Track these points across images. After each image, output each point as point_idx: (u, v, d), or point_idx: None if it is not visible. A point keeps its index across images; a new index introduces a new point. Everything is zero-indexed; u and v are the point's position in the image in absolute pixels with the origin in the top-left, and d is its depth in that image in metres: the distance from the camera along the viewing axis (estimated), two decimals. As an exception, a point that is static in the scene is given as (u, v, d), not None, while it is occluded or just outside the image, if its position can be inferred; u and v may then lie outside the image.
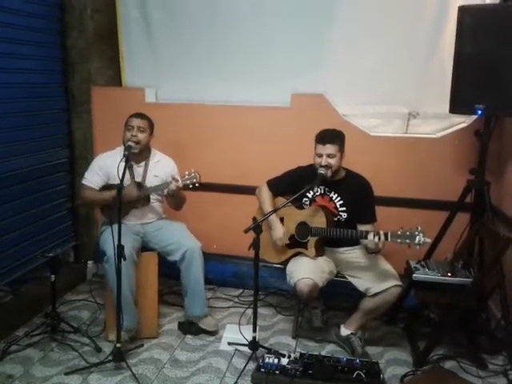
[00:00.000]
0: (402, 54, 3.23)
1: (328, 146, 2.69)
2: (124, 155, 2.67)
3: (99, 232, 2.98)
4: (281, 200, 2.87)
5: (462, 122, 3.14)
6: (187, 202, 3.09)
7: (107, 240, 2.55)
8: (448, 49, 3.01)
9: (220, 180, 3.59)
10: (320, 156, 2.71)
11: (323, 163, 2.70)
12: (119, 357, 2.54)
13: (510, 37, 2.55)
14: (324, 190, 2.84)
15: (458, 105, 2.74)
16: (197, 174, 2.78)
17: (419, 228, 2.42)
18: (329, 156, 2.70)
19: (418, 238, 2.40)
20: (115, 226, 2.46)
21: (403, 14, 3.18)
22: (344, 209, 2.81)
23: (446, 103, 2.79)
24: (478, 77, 2.65)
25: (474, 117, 2.98)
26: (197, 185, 2.79)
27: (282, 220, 2.87)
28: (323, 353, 2.75)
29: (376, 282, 2.62)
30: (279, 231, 2.82)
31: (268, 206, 2.87)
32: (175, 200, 2.97)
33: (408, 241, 2.42)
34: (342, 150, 2.74)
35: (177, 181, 2.76)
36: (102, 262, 2.86)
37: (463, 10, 2.66)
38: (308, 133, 3.25)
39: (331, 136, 2.74)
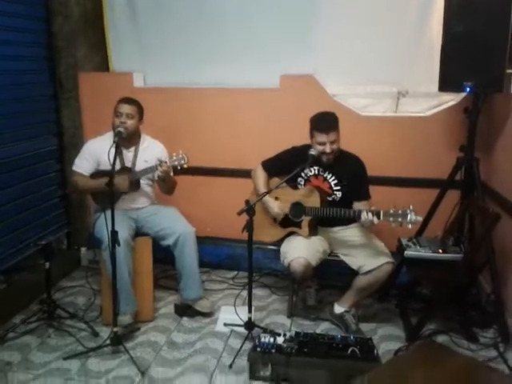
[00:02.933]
0: (390, 33, 3.22)
1: (331, 134, 2.70)
2: (114, 141, 2.66)
3: (93, 219, 2.98)
4: (276, 181, 2.89)
5: (451, 99, 3.16)
6: (180, 186, 3.09)
7: (102, 227, 2.55)
8: (436, 27, 3.02)
9: (212, 163, 3.59)
10: (323, 144, 2.71)
11: (328, 150, 2.71)
12: (117, 340, 2.56)
13: (496, 15, 2.56)
14: (318, 170, 2.86)
15: (446, 83, 2.76)
16: (184, 156, 2.78)
17: (411, 207, 2.45)
18: (332, 142, 2.71)
19: (409, 216, 2.43)
20: (108, 213, 2.46)
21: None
22: (338, 188, 2.83)
23: (435, 82, 2.80)
24: (466, 55, 2.65)
25: (463, 94, 3.00)
26: (185, 166, 2.79)
27: (276, 200, 2.89)
28: (318, 331, 2.80)
29: (368, 260, 2.66)
30: (275, 206, 2.84)
31: (262, 187, 2.89)
32: (166, 184, 2.97)
33: (400, 219, 2.45)
34: (339, 132, 2.75)
35: (165, 163, 2.76)
36: (99, 249, 2.87)
37: (450, -12, 2.66)
38: (298, 113, 3.26)
39: (331, 122, 2.73)
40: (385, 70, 3.29)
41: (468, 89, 2.68)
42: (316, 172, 2.87)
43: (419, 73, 3.22)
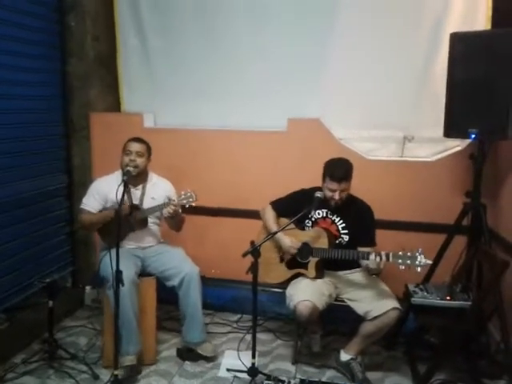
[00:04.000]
0: (396, 78, 3.29)
1: (342, 184, 2.72)
2: (122, 180, 2.69)
3: (99, 258, 2.97)
4: (284, 221, 2.89)
5: (457, 145, 3.19)
6: (186, 226, 3.10)
7: (107, 266, 2.54)
8: (441, 73, 3.05)
9: (218, 204, 3.61)
10: (332, 191, 2.73)
11: (337, 197, 2.73)
12: (117, 384, 2.51)
13: (500, 62, 2.60)
14: (326, 212, 2.87)
15: (451, 129, 2.78)
16: (193, 194, 2.80)
17: (420, 250, 2.44)
18: (342, 191, 2.73)
19: (419, 258, 2.41)
20: (114, 251, 2.46)
21: (397, 39, 3.25)
22: (346, 231, 2.83)
23: (441, 127, 2.83)
24: (471, 102, 2.68)
25: (468, 140, 3.02)
26: (193, 204, 2.80)
27: None
28: (323, 379, 2.73)
29: (375, 306, 2.62)
30: (288, 241, 2.83)
31: (273, 224, 2.90)
32: (174, 221, 2.98)
33: (409, 262, 2.42)
34: (351, 181, 2.78)
35: (173, 201, 2.78)
36: (103, 288, 2.86)
37: (455, 37, 2.72)
38: (305, 157, 3.30)
39: (345, 172, 2.75)
40: (390, 115, 3.33)
41: (473, 135, 2.69)
42: (324, 214, 2.88)
43: (424, 117, 3.27)
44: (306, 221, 2.90)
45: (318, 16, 3.36)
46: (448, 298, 2.64)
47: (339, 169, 2.76)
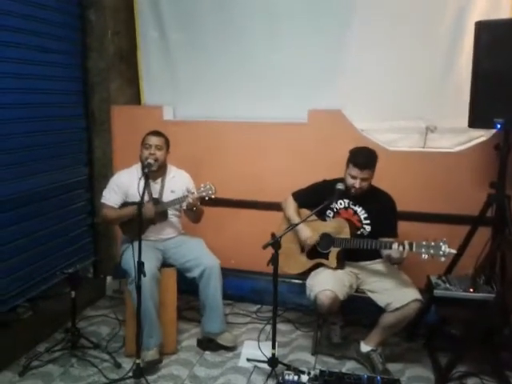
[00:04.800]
0: (418, 68, 3.24)
1: (365, 171, 2.71)
2: (144, 173, 2.71)
3: (120, 251, 3.00)
4: (305, 212, 2.89)
5: (481, 135, 3.14)
6: (206, 217, 3.11)
7: (129, 259, 2.56)
8: (465, 63, 3.03)
9: (237, 195, 3.61)
10: (354, 178, 2.72)
11: (357, 186, 2.71)
12: (139, 373, 2.54)
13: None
14: (348, 203, 2.86)
15: (476, 119, 2.73)
16: (212, 186, 2.81)
17: (444, 239, 2.41)
18: (363, 180, 2.71)
19: (443, 247, 2.39)
20: (136, 244, 2.48)
21: (420, 28, 3.20)
22: (368, 222, 2.82)
23: (464, 117, 2.77)
24: (497, 91, 2.63)
25: (493, 131, 2.96)
26: (212, 196, 2.81)
27: None
28: (343, 370, 2.72)
29: (396, 297, 2.59)
30: (307, 231, 2.83)
31: (294, 215, 2.90)
32: (194, 213, 2.99)
33: (432, 251, 2.40)
34: (374, 171, 2.76)
35: (192, 193, 2.79)
36: (124, 280, 2.89)
37: (480, 26, 2.65)
38: (326, 148, 3.28)
39: (369, 161, 2.73)
40: (412, 105, 3.29)
41: (499, 125, 2.64)
42: (346, 205, 2.86)
43: (447, 108, 3.22)
44: (328, 211, 2.89)
45: (339, 5, 3.32)
46: (471, 290, 2.61)
47: (363, 156, 2.74)
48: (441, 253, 2.38)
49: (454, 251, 2.43)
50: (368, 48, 3.30)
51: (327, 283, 2.64)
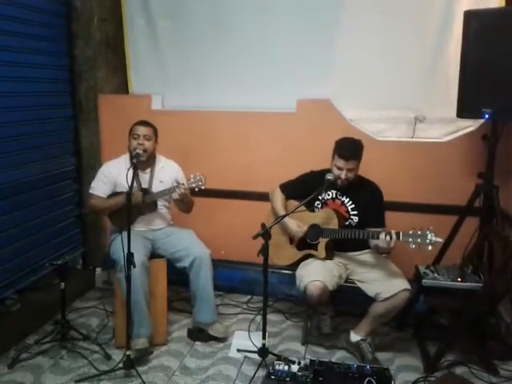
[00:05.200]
0: (407, 58, 3.24)
1: (351, 162, 2.70)
2: (132, 163, 2.68)
3: (109, 241, 2.99)
4: (293, 203, 2.88)
5: (469, 125, 3.15)
6: (195, 208, 3.09)
7: (118, 249, 2.56)
8: (453, 53, 3.03)
9: (227, 186, 3.60)
10: (340, 169, 2.72)
11: (343, 177, 2.71)
12: (129, 364, 2.54)
13: (515, 41, 2.55)
14: (336, 194, 2.86)
15: (465, 109, 2.73)
16: (202, 177, 2.79)
17: (430, 228, 2.42)
18: (349, 170, 2.71)
19: (429, 236, 2.40)
20: (125, 234, 2.47)
21: (409, 18, 3.19)
22: (355, 213, 2.82)
23: (452, 107, 2.78)
24: (485, 81, 2.63)
25: (481, 121, 2.97)
26: (202, 187, 2.80)
27: None
28: (333, 359, 2.74)
29: (385, 287, 2.61)
30: (294, 225, 2.83)
31: (281, 208, 2.90)
32: (184, 204, 2.98)
33: (419, 240, 2.41)
34: (360, 162, 2.76)
35: (182, 184, 2.77)
36: (113, 270, 2.87)
37: (469, 15, 2.65)
38: (314, 138, 3.27)
39: (354, 151, 2.73)
40: (401, 95, 3.29)
41: (487, 116, 2.65)
42: (333, 195, 2.87)
43: (436, 98, 3.22)
44: (316, 202, 2.89)
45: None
46: (459, 279, 2.63)
47: (348, 147, 2.74)
48: (427, 241, 2.39)
49: (440, 240, 2.44)
50: (357, 38, 3.28)
51: (317, 274, 2.65)
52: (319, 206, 2.90)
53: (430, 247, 2.41)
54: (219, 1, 3.52)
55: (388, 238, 2.49)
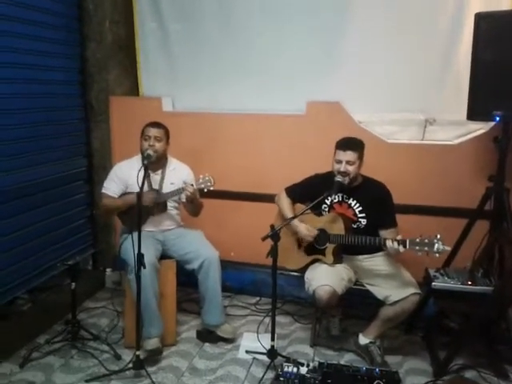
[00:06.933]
0: (418, 60, 3.23)
1: (349, 152, 2.70)
2: (143, 164, 2.70)
3: (119, 241, 3.01)
4: (300, 207, 2.88)
5: (480, 128, 3.12)
6: (205, 210, 3.11)
7: (128, 250, 2.58)
8: (464, 55, 3.01)
9: (236, 188, 3.61)
10: (339, 162, 2.72)
11: (342, 169, 2.71)
12: (139, 364, 2.56)
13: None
14: (342, 196, 2.85)
15: (475, 112, 2.72)
16: (211, 178, 2.80)
17: (438, 236, 2.40)
18: (348, 163, 2.70)
19: (436, 245, 2.37)
20: (135, 235, 2.49)
21: (419, 20, 3.18)
22: (363, 215, 2.81)
23: (463, 110, 2.76)
24: (496, 83, 2.62)
25: (492, 123, 2.95)
26: (211, 188, 2.81)
27: None
28: (342, 362, 2.73)
29: (395, 290, 2.61)
30: (303, 228, 2.83)
31: (288, 212, 2.90)
32: (192, 206, 2.99)
33: (426, 248, 2.39)
34: (361, 157, 2.75)
35: (191, 185, 2.79)
36: (124, 271, 2.89)
37: (479, 17, 2.64)
38: (324, 140, 3.26)
39: (352, 143, 2.76)
40: (411, 98, 3.28)
41: (498, 118, 2.64)
42: (340, 199, 2.86)
43: (446, 100, 3.21)
44: (323, 206, 2.89)
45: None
46: (469, 283, 2.62)
47: (345, 139, 2.78)
48: (434, 250, 2.37)
49: (448, 248, 2.42)
50: (367, 40, 3.29)
51: (325, 278, 2.65)
52: (326, 210, 2.89)
53: (437, 255, 2.40)
54: (230, 4, 3.54)
55: (395, 245, 2.48)
